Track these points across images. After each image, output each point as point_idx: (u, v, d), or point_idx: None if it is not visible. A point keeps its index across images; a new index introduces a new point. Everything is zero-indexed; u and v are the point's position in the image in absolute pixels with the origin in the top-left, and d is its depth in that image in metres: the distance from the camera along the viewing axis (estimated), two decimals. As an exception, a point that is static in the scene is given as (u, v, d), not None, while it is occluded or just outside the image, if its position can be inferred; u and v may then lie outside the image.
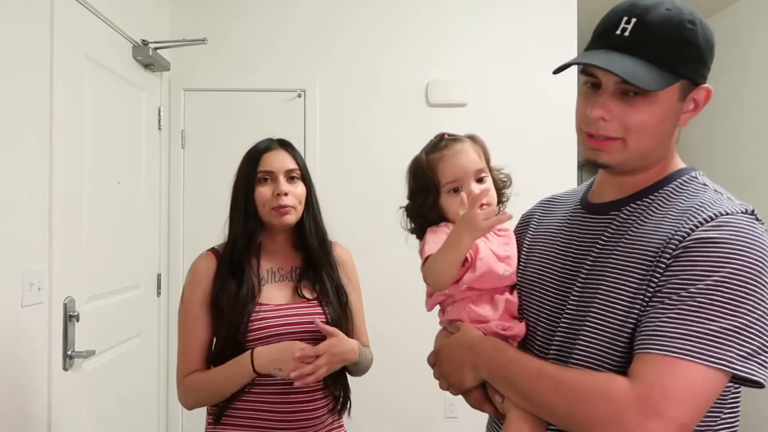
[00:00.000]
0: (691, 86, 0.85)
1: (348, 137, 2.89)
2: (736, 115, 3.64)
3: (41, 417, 1.69)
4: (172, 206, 2.81)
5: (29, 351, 1.65)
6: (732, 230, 0.78)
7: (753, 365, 0.74)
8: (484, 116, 2.89)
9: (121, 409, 2.24)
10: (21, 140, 1.63)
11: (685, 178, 0.89)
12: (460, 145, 1.08)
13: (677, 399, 0.73)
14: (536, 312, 0.97)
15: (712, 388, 0.75)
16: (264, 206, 1.39)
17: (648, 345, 0.77)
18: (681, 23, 0.81)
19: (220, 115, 2.86)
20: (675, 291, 0.77)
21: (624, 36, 0.83)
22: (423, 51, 2.94)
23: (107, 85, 2.17)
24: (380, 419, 2.85)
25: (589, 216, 0.96)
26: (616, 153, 0.87)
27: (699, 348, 0.74)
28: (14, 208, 1.59)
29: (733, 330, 0.74)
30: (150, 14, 2.65)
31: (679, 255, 0.78)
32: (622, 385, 0.76)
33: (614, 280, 0.84)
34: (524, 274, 1.03)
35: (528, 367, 0.86)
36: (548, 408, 0.83)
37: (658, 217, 0.86)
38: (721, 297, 0.75)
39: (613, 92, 0.85)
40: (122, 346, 2.26)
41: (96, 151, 2.06)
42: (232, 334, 1.33)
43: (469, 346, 0.95)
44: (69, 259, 1.84)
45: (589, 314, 0.86)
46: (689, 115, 0.88)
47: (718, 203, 0.82)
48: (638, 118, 0.84)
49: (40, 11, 1.72)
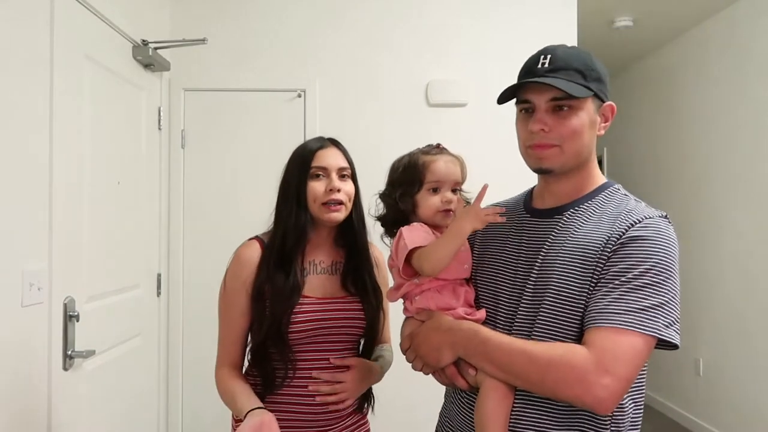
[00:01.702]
0: (600, 102, 1.10)
1: (348, 137, 2.85)
2: (735, 115, 3.64)
3: (41, 417, 1.69)
4: (172, 206, 2.80)
5: (29, 351, 1.65)
6: (654, 230, 1.01)
7: (673, 332, 0.97)
8: (484, 116, 2.89)
9: (121, 409, 2.24)
10: (21, 140, 1.63)
11: (610, 190, 1.13)
12: (450, 157, 1.25)
13: (624, 360, 0.94)
14: (494, 301, 1.15)
15: (647, 350, 0.97)
16: (315, 201, 1.40)
17: (598, 320, 0.97)
18: (580, 54, 1.10)
19: (220, 115, 2.86)
20: (616, 277, 0.99)
21: (545, 66, 1.08)
22: (423, 51, 2.94)
23: (107, 84, 2.17)
24: (380, 419, 2.85)
25: (535, 219, 1.16)
26: (555, 158, 1.08)
27: (638, 320, 0.95)
28: (14, 207, 1.59)
29: (659, 305, 0.96)
30: (150, 14, 2.65)
31: (618, 249, 1.01)
32: (582, 352, 0.96)
33: (564, 271, 1.04)
34: (479, 268, 1.21)
35: (502, 342, 1.04)
36: (523, 376, 1.01)
37: (594, 219, 1.08)
38: (650, 280, 0.97)
39: (546, 110, 1.07)
40: (122, 346, 2.26)
41: (96, 151, 2.06)
42: (275, 325, 1.34)
43: (447, 329, 1.11)
44: (69, 259, 1.84)
45: (545, 300, 1.05)
46: (603, 127, 1.12)
47: (641, 210, 1.06)
48: (569, 126, 1.06)
49: (40, 11, 1.72)
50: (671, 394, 4.38)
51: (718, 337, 3.85)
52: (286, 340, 1.35)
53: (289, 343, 1.35)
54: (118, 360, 2.21)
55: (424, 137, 1.26)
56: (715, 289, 3.88)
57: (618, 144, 5.16)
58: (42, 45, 1.72)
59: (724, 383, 3.79)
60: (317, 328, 1.37)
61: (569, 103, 1.06)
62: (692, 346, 4.08)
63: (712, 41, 3.91)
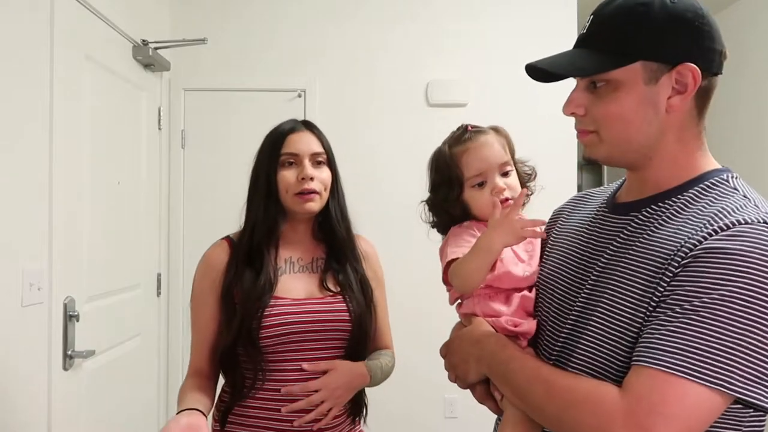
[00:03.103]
0: (663, 67, 0.80)
1: (348, 137, 2.89)
2: (736, 116, 3.64)
3: (41, 417, 1.69)
4: (172, 206, 2.81)
5: (29, 351, 1.65)
6: (749, 241, 0.71)
7: (759, 389, 0.69)
8: (484, 116, 2.87)
9: (121, 409, 2.24)
10: (21, 140, 1.63)
11: (713, 180, 0.83)
12: (485, 137, 1.04)
13: (665, 416, 0.69)
14: (546, 311, 0.95)
15: (706, 408, 0.70)
16: (287, 191, 1.28)
17: (644, 357, 0.73)
18: (631, 8, 0.80)
19: (220, 115, 2.86)
20: (678, 303, 0.72)
21: (583, 32, 0.86)
22: (423, 51, 2.94)
23: (107, 85, 2.17)
24: (378, 418, 2.85)
25: (610, 216, 0.92)
26: (595, 146, 0.86)
27: (696, 365, 0.69)
28: (14, 208, 1.59)
29: (737, 349, 0.68)
30: (150, 14, 2.65)
31: (688, 264, 0.73)
32: (613, 395, 0.73)
33: (621, 286, 0.81)
34: (543, 271, 1.00)
35: (525, 366, 0.85)
36: (540, 410, 0.82)
37: (677, 221, 0.80)
38: (727, 313, 0.69)
39: (585, 87, 0.85)
40: (122, 346, 2.26)
41: (96, 151, 2.06)
42: (245, 328, 1.22)
43: (477, 340, 0.94)
44: (69, 259, 1.84)
45: (593, 319, 0.83)
46: (678, 99, 0.81)
47: (742, 210, 0.75)
48: (605, 108, 0.83)
49: (41, 11, 1.72)
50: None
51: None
52: (257, 344, 1.22)
53: (261, 348, 1.23)
54: (118, 360, 2.21)
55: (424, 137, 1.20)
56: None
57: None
58: (42, 45, 1.72)
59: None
60: (292, 332, 1.24)
61: (603, 77, 0.82)
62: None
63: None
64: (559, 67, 0.83)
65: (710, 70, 0.81)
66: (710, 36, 0.80)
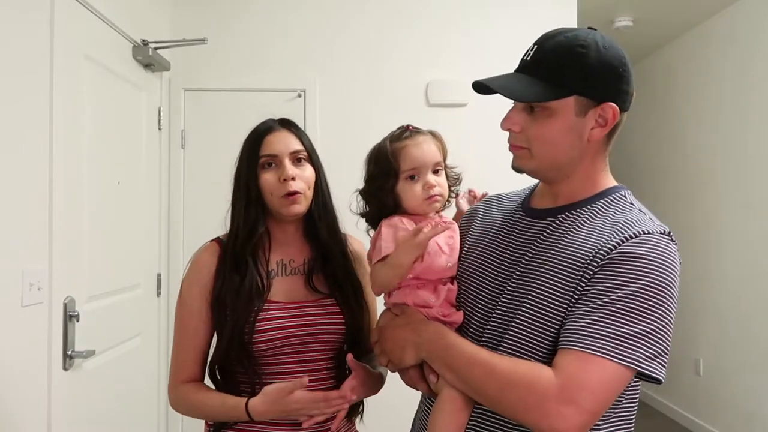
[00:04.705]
0: (591, 103, 0.94)
1: (348, 137, 2.89)
2: (737, 116, 3.64)
3: (41, 417, 1.70)
4: (172, 206, 2.81)
5: (29, 351, 1.65)
6: (651, 248, 0.89)
7: (656, 365, 0.86)
8: (484, 116, 2.89)
9: (121, 409, 2.24)
10: (21, 140, 1.63)
11: (615, 196, 1.00)
12: (422, 137, 1.15)
13: (591, 390, 0.84)
14: (473, 302, 1.06)
15: (620, 382, 0.87)
16: (272, 194, 1.25)
17: (571, 342, 0.87)
18: (571, 48, 0.93)
19: (220, 115, 2.86)
20: (598, 296, 0.88)
21: (527, 59, 0.97)
22: (423, 51, 2.94)
23: (107, 85, 2.17)
24: (372, 416, 2.85)
25: (528, 219, 1.05)
26: (525, 160, 0.99)
27: (614, 348, 0.84)
28: (14, 208, 1.59)
29: (642, 334, 0.85)
30: (150, 14, 2.65)
31: (605, 265, 0.89)
32: (547, 375, 0.86)
33: (546, 281, 0.94)
34: (464, 266, 1.11)
35: (465, 351, 0.95)
36: (480, 391, 0.93)
37: (588, 228, 0.96)
38: (635, 305, 0.86)
39: (523, 108, 0.98)
40: (122, 346, 2.26)
41: (96, 151, 2.06)
42: (236, 335, 1.20)
43: (413, 328, 1.03)
44: (69, 259, 1.84)
45: (521, 309, 0.95)
46: (599, 131, 0.96)
47: (642, 222, 0.92)
48: (537, 130, 0.96)
49: (40, 11, 1.72)
50: (671, 394, 4.38)
51: (718, 337, 3.85)
52: (250, 351, 1.20)
53: (255, 355, 1.20)
54: (118, 360, 2.21)
55: (424, 137, 1.22)
56: (715, 289, 3.88)
57: (617, 144, 5.08)
58: (42, 45, 1.72)
59: (724, 383, 3.79)
60: (286, 336, 1.22)
61: (542, 104, 0.94)
62: (692, 346, 4.08)
63: (712, 41, 3.91)
64: (509, 92, 0.96)
65: (624, 108, 0.96)
66: (627, 81, 0.96)
